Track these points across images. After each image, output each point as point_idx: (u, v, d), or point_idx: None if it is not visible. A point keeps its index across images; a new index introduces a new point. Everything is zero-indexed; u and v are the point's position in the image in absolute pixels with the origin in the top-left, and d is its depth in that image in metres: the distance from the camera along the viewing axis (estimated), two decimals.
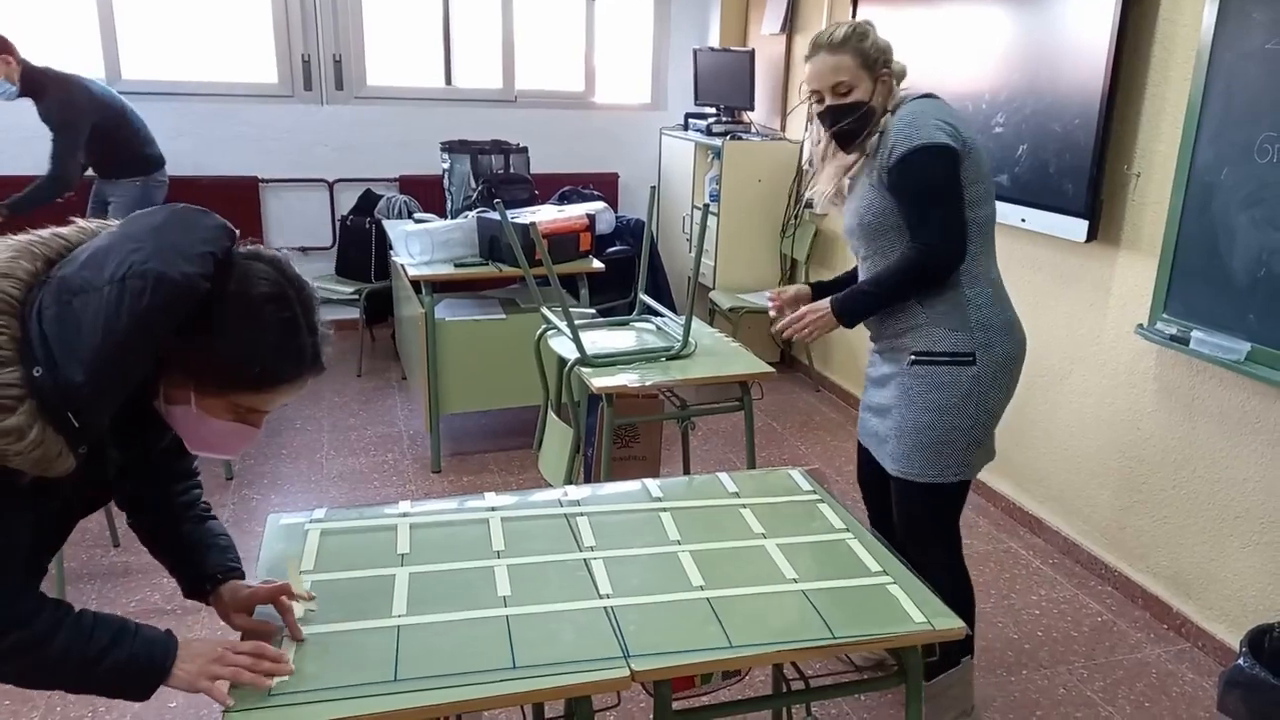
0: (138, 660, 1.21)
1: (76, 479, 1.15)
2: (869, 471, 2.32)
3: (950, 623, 1.48)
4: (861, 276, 2.17)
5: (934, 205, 1.96)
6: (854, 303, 2.07)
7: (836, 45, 2.01)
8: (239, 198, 4.76)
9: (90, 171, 3.99)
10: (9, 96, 3.68)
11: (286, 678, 1.27)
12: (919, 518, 2.16)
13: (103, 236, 1.15)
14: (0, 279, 1.08)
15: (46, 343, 1.06)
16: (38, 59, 3.77)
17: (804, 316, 2.10)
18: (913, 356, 2.06)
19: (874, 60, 2.03)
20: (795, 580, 1.56)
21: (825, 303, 2.08)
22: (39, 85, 3.71)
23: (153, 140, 4.08)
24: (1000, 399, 2.08)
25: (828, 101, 2.05)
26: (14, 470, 1.07)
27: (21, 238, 1.14)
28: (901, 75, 2.11)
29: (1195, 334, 2.54)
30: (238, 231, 1.21)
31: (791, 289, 2.28)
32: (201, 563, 1.43)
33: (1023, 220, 3.13)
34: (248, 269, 1.18)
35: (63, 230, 1.18)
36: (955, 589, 2.12)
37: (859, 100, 2.03)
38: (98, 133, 3.82)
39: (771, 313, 2.27)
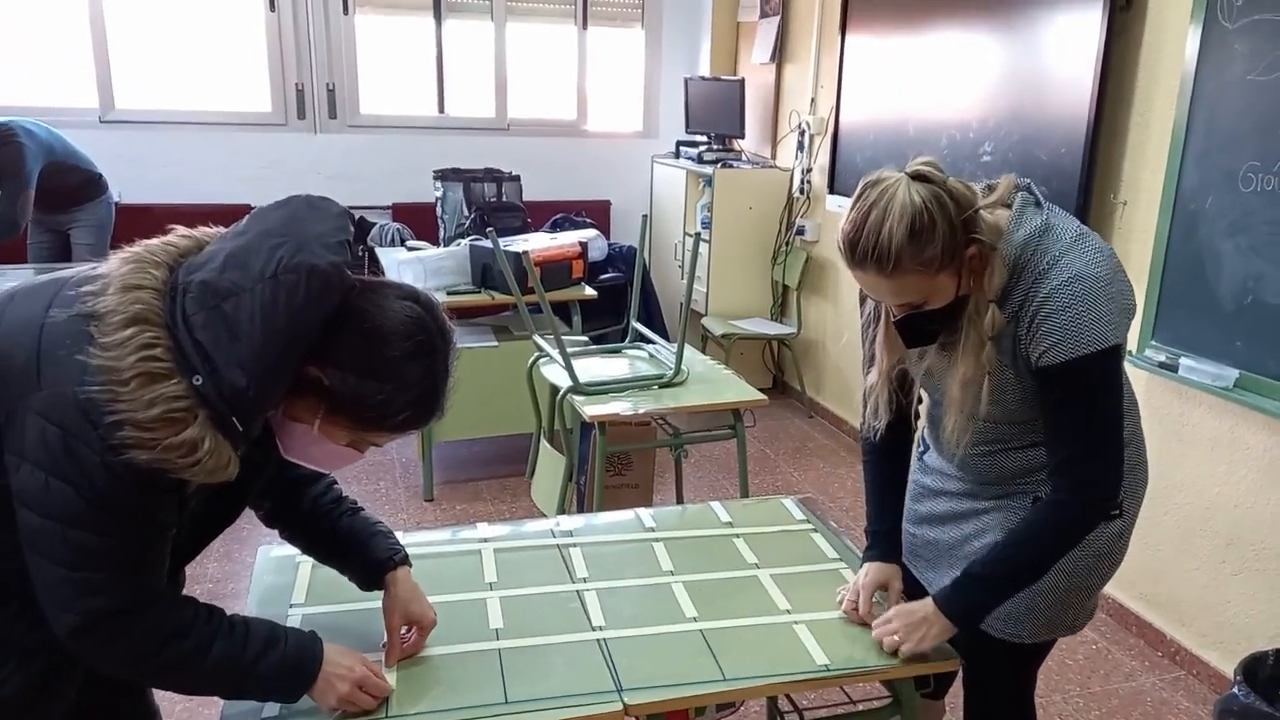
0: (287, 668, 1.22)
1: (210, 491, 1.16)
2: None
3: (944, 654, 1.47)
4: (953, 434, 1.49)
5: (1105, 434, 1.39)
6: (979, 602, 1.45)
7: (889, 268, 1.30)
8: None
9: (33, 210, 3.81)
10: None
11: (274, 711, 1.27)
12: (1005, 676, 1.68)
13: (230, 238, 1.13)
14: (136, 290, 1.06)
15: (202, 349, 1.04)
16: (33, 90, 3.70)
17: (897, 622, 1.44)
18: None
19: (953, 251, 1.32)
20: (789, 611, 1.55)
21: (929, 606, 1.44)
22: None
23: (91, 160, 4.03)
24: (1128, 545, 1.60)
25: (895, 315, 1.43)
26: (183, 479, 1.06)
27: (133, 249, 1.11)
28: (1009, 197, 1.45)
29: (1184, 361, 2.56)
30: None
31: (862, 591, 1.56)
32: (369, 553, 1.43)
33: None
34: (402, 310, 1.16)
35: (170, 239, 1.15)
36: None
37: (942, 307, 1.39)
38: (53, 169, 3.76)
39: (846, 608, 1.57)
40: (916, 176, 1.31)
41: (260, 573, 1.62)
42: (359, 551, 1.43)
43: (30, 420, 1.03)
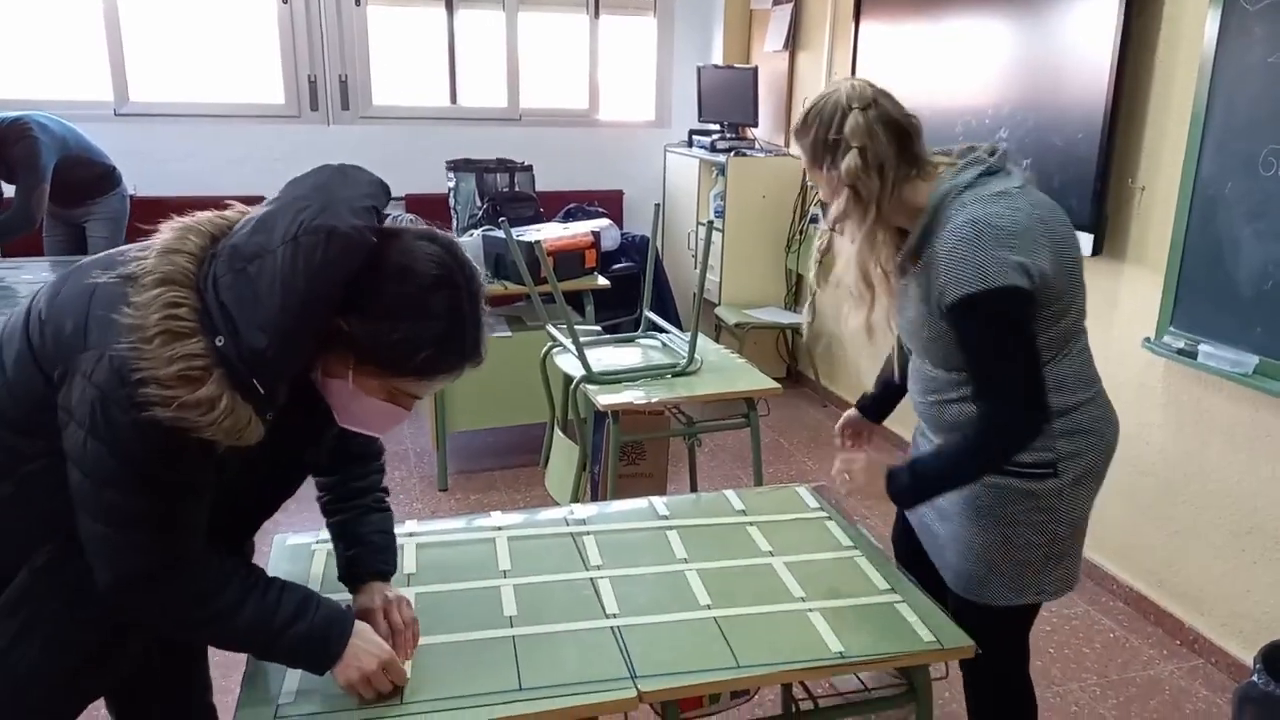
0: (315, 637, 1.23)
1: (265, 460, 1.18)
2: (907, 548, 1.91)
3: (959, 641, 1.47)
4: (913, 368, 1.75)
5: (1001, 367, 1.50)
6: (915, 490, 1.62)
7: (795, 131, 1.60)
8: None
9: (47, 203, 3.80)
10: None
11: (291, 699, 1.28)
12: (987, 643, 1.64)
13: (263, 206, 1.16)
14: (172, 254, 1.09)
15: (225, 311, 1.07)
16: (47, 83, 3.68)
17: (856, 467, 1.65)
18: None
19: (818, 157, 1.56)
20: (803, 599, 1.55)
21: (881, 469, 1.62)
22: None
23: (105, 154, 4.03)
24: (1083, 507, 1.66)
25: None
26: (209, 441, 1.08)
27: (184, 219, 1.15)
28: (911, 160, 1.55)
29: (1203, 347, 2.53)
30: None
31: (845, 418, 2.02)
32: (352, 560, 1.44)
33: None
34: (419, 249, 1.16)
35: (224, 212, 1.19)
36: (1013, 713, 1.80)
37: (822, 201, 1.59)
38: (68, 163, 3.76)
39: (838, 441, 2.03)
40: (850, 90, 1.53)
41: (276, 560, 1.63)
42: (345, 553, 1.46)
43: (76, 380, 1.06)
